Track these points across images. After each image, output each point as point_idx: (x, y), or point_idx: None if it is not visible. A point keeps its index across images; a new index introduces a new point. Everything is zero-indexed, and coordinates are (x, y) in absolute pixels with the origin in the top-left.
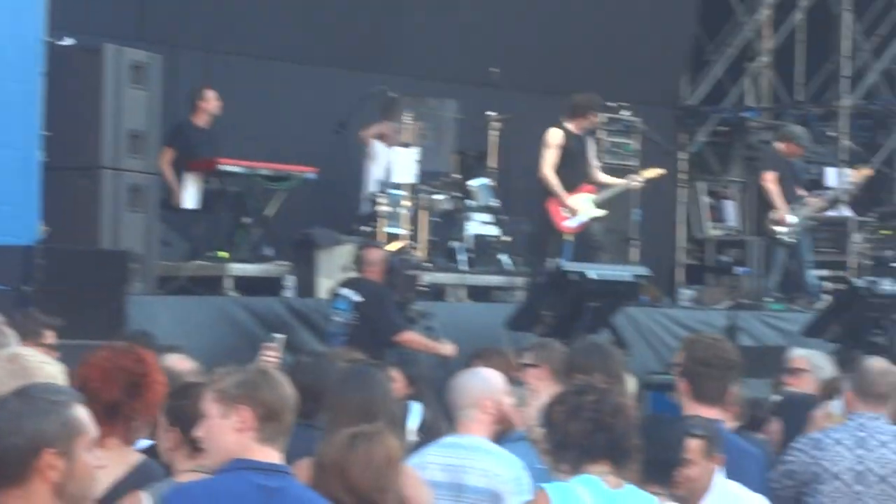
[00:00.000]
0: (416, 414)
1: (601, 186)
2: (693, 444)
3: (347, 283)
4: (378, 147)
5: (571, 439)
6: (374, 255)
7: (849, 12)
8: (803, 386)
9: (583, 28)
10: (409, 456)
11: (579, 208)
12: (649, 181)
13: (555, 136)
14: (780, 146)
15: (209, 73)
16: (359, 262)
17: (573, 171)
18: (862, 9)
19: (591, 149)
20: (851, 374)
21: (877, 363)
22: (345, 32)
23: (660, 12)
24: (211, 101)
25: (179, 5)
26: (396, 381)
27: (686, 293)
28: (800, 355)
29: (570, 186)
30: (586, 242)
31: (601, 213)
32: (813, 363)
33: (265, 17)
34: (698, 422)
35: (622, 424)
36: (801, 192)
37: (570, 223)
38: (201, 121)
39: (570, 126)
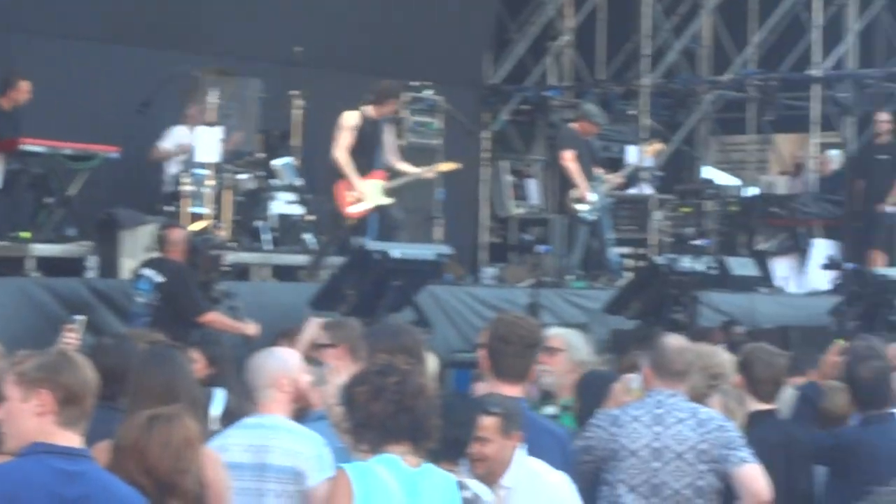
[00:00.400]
0: (219, 400)
1: (395, 173)
2: (488, 422)
3: (149, 264)
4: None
5: (373, 420)
6: (176, 235)
7: None
8: (558, 365)
9: (386, 7)
10: (211, 438)
11: (366, 194)
12: (443, 173)
13: (349, 119)
14: (576, 125)
15: (7, 52)
16: (160, 243)
17: (366, 156)
18: None
19: (390, 135)
20: (649, 351)
21: (674, 341)
22: (147, 11)
23: None
24: (22, 91)
25: None
26: (197, 361)
27: (489, 271)
28: (555, 334)
29: (363, 171)
30: (385, 222)
31: (388, 200)
32: (568, 342)
33: None
34: (496, 399)
35: (423, 405)
36: (599, 170)
37: (353, 208)
38: (6, 104)
39: (369, 110)
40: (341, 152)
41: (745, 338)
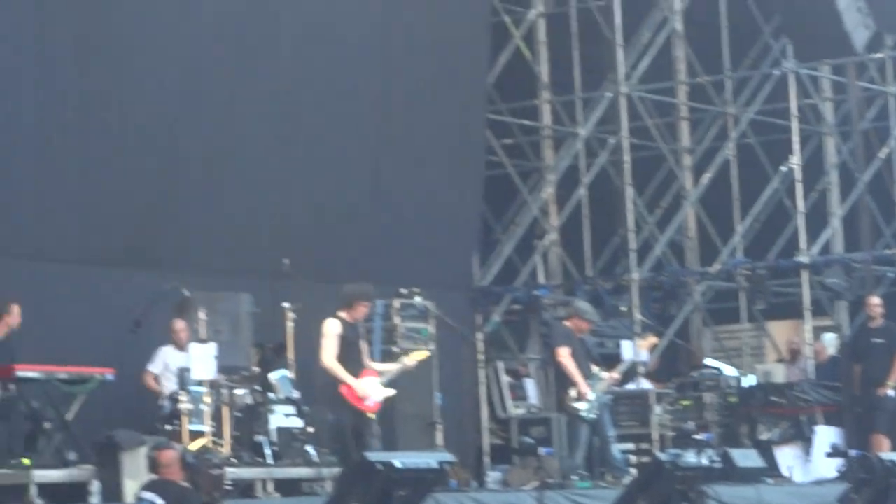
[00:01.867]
0: None
1: (379, 372)
2: None
3: (151, 486)
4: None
5: None
6: (167, 457)
7: (630, 186)
8: None
9: (373, 215)
10: None
11: (370, 391)
12: (420, 362)
13: (333, 327)
14: (569, 322)
15: None
16: (154, 465)
17: (351, 359)
18: (643, 182)
19: (364, 337)
20: None
21: None
22: (131, 232)
23: (446, 196)
24: (15, 316)
25: None
26: None
27: (493, 475)
28: None
29: (351, 374)
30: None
31: (391, 392)
32: None
33: (46, 218)
34: None
35: None
36: (594, 367)
37: (369, 403)
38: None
39: (344, 315)
40: (330, 359)
41: None
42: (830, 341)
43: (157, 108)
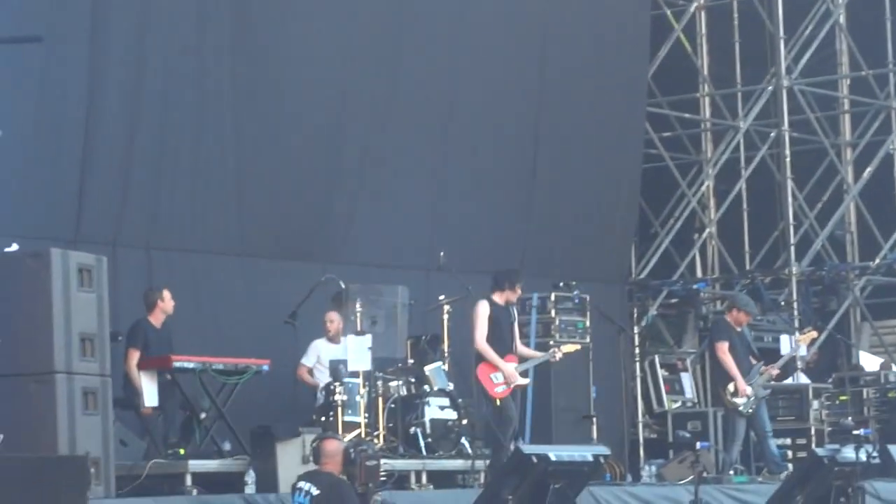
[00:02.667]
0: None
1: (522, 358)
2: None
3: (306, 477)
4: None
5: None
6: (332, 446)
7: (790, 179)
8: None
9: (529, 207)
10: None
11: (511, 376)
12: (567, 354)
13: (484, 308)
14: (728, 316)
15: (149, 270)
16: (316, 455)
17: (500, 342)
18: (802, 176)
19: (514, 321)
20: None
21: None
22: (289, 223)
23: (605, 188)
24: (168, 301)
25: (116, 204)
26: None
27: (648, 469)
28: None
29: (501, 356)
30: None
31: (526, 381)
32: None
33: (203, 211)
34: None
35: None
36: (754, 360)
37: (499, 389)
38: (157, 320)
39: (496, 298)
40: (482, 341)
41: None
42: None
43: (317, 102)
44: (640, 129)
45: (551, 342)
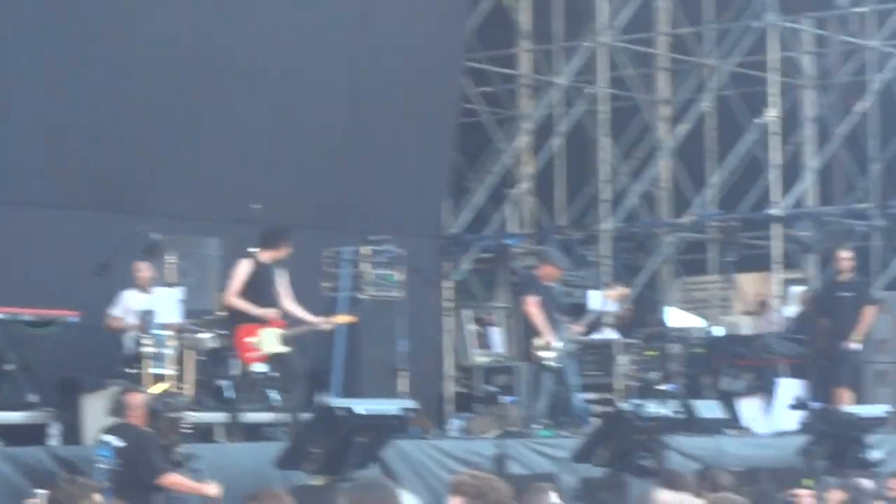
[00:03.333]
0: None
1: (292, 319)
2: None
3: (110, 429)
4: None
5: None
6: (135, 399)
7: (606, 136)
8: None
9: (342, 161)
10: None
11: (264, 342)
12: (340, 325)
13: (243, 266)
14: (538, 271)
15: None
16: (120, 408)
17: (260, 300)
18: (618, 132)
19: (283, 279)
20: None
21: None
22: (100, 174)
23: (419, 142)
24: None
25: None
26: None
27: (455, 423)
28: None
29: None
30: (286, 370)
31: (285, 349)
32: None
33: (12, 163)
34: None
35: None
36: (562, 316)
37: (252, 355)
38: None
39: (262, 256)
40: (234, 298)
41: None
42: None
43: (127, 56)
44: (457, 83)
45: (361, 296)
